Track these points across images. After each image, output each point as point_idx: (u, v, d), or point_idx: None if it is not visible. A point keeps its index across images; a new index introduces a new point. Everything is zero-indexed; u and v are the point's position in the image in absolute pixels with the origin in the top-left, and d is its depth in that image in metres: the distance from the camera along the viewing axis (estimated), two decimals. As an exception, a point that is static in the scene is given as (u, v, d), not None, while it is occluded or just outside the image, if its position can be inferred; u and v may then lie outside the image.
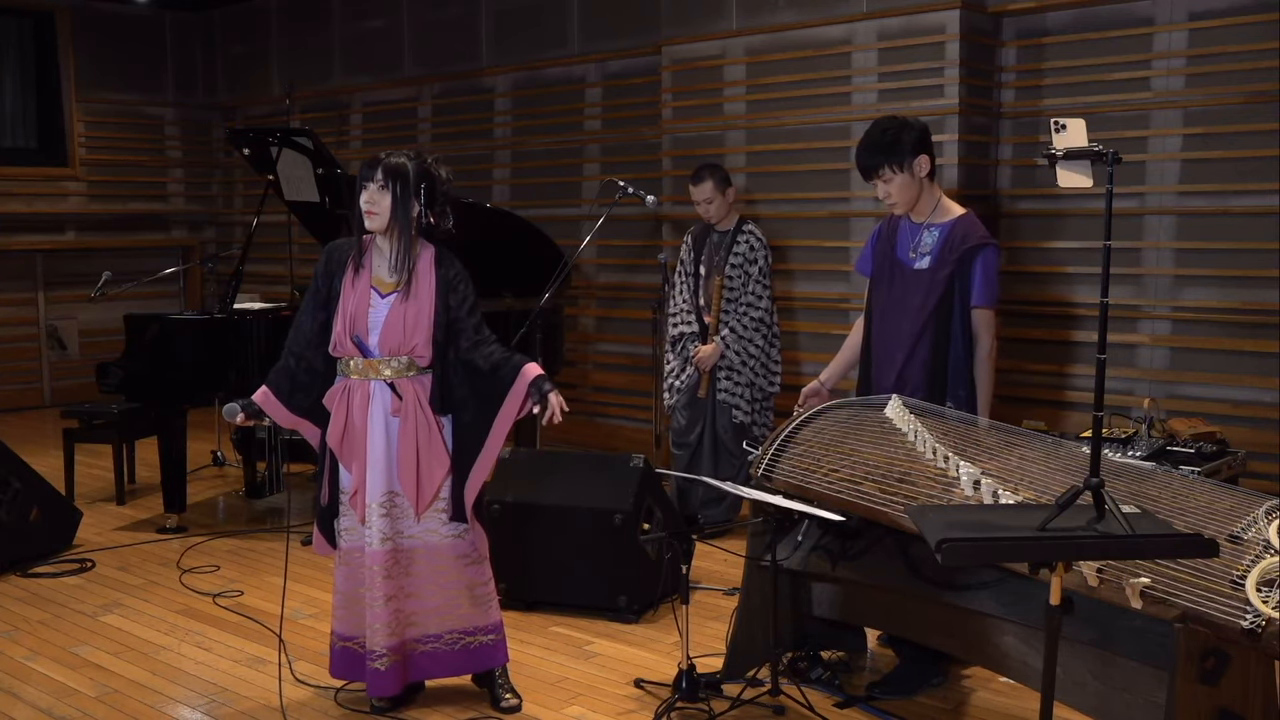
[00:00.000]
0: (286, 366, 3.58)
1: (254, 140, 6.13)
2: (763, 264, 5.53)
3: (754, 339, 5.51)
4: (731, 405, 5.52)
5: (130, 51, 9.86)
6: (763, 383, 5.56)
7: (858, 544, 3.50)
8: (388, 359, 3.47)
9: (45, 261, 9.57)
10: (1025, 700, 3.60)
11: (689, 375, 5.62)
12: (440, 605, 3.58)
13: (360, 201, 3.47)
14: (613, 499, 4.40)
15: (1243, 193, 5.23)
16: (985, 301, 3.75)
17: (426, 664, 3.62)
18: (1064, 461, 3.17)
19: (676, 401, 5.66)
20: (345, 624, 3.62)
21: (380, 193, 3.45)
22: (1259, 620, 2.36)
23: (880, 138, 3.75)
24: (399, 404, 3.47)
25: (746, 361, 5.51)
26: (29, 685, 3.87)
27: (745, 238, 5.55)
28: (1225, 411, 5.24)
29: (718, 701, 3.56)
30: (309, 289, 3.62)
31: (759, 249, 5.54)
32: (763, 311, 5.52)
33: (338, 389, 3.53)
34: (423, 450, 3.49)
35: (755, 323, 5.50)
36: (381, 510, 3.48)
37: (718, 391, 5.53)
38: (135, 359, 5.69)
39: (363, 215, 3.47)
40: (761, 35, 6.37)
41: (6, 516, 5.08)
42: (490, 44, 8.10)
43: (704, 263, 5.62)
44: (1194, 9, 5.33)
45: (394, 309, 3.47)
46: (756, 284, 5.52)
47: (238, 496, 6.47)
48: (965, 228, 3.76)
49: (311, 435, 3.62)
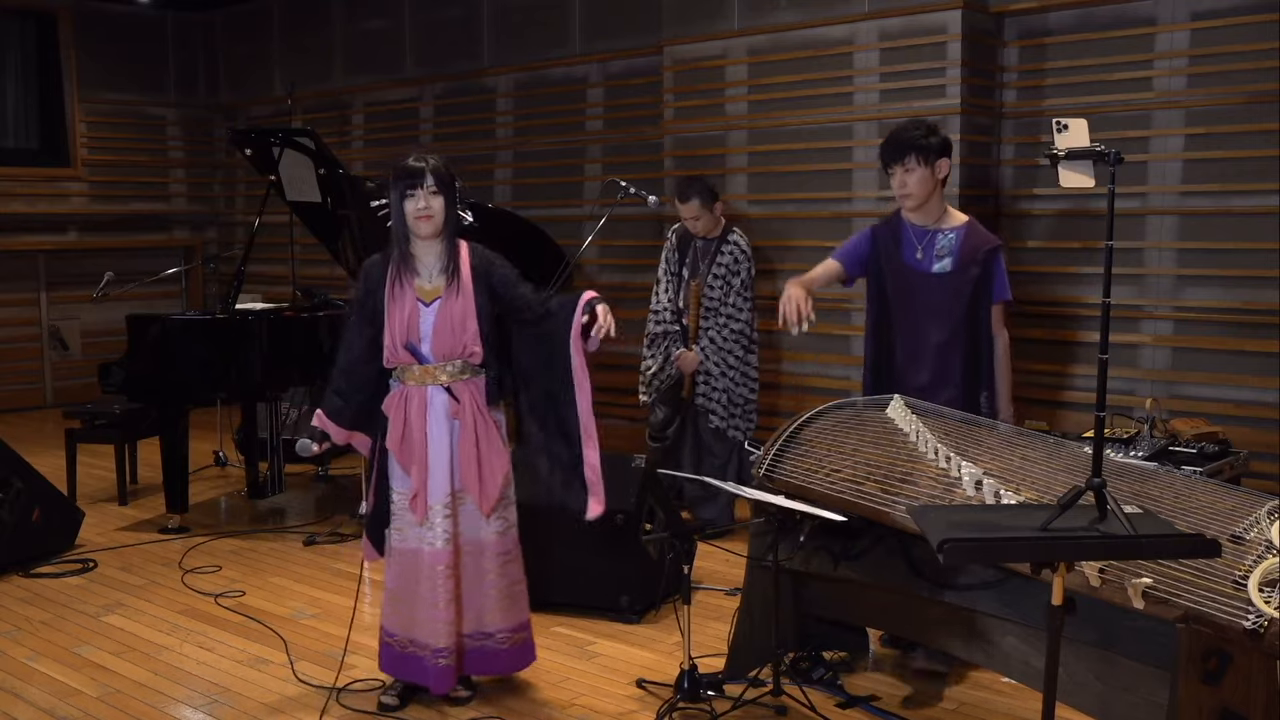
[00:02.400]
0: (337, 387, 3.67)
1: (256, 140, 6.13)
2: (745, 276, 5.55)
3: (733, 350, 5.54)
4: (708, 410, 5.56)
5: (132, 52, 9.86)
6: (743, 390, 5.58)
7: (860, 544, 3.50)
8: (443, 364, 3.55)
9: (47, 262, 9.57)
10: (1027, 701, 3.59)
11: (668, 375, 5.63)
12: (493, 603, 3.66)
13: (408, 209, 3.50)
14: (614, 499, 4.38)
15: (1244, 193, 5.22)
16: (1008, 296, 3.97)
17: (481, 661, 3.70)
18: (1066, 462, 3.18)
19: (654, 398, 5.69)
20: (393, 621, 3.68)
21: (433, 197, 3.50)
22: (1261, 620, 2.36)
23: (912, 131, 3.90)
24: (457, 406, 3.56)
25: (725, 372, 5.53)
26: (31, 685, 3.88)
27: (730, 248, 5.56)
28: (1227, 412, 5.23)
29: (719, 702, 3.57)
30: (353, 309, 3.68)
31: (743, 261, 5.56)
32: (743, 324, 5.55)
33: (395, 396, 3.59)
34: (483, 450, 3.58)
35: (735, 335, 5.53)
36: (445, 511, 3.56)
37: (696, 395, 5.57)
38: (137, 359, 5.69)
39: (410, 222, 3.51)
40: (763, 35, 6.36)
41: (9, 517, 5.08)
42: (492, 44, 8.10)
43: (688, 265, 5.63)
44: (1196, 9, 5.33)
45: (441, 314, 3.53)
46: (738, 296, 5.54)
47: (240, 497, 6.47)
48: (979, 231, 3.96)
49: (363, 446, 3.73)
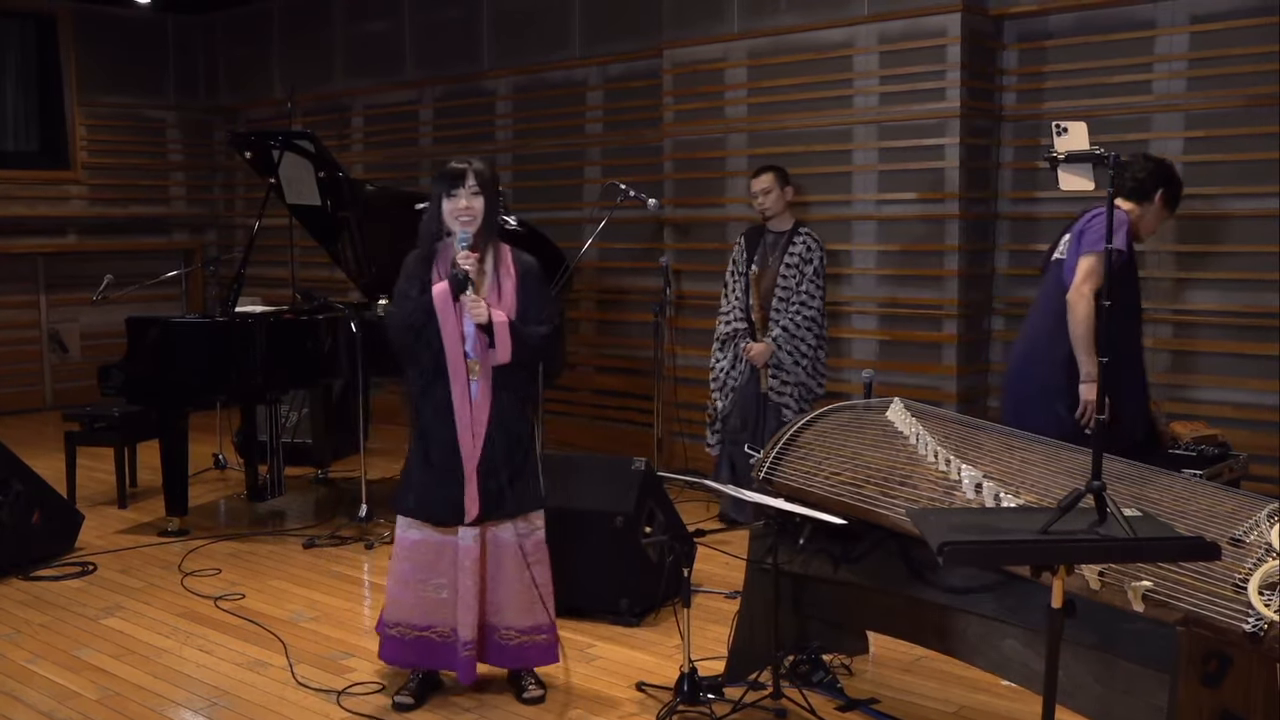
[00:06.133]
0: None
1: (255, 143, 6.13)
2: (818, 264, 5.55)
3: (805, 338, 5.53)
4: (780, 405, 5.53)
5: (132, 54, 9.86)
6: (811, 383, 5.58)
7: (859, 547, 3.50)
8: (478, 360, 3.57)
9: (47, 264, 9.57)
10: (1027, 704, 3.59)
11: (741, 373, 5.63)
12: (508, 601, 3.67)
13: (448, 208, 3.52)
14: (614, 502, 4.40)
15: (1244, 196, 5.23)
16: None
17: (507, 655, 3.72)
18: (1065, 464, 3.17)
19: (731, 400, 5.67)
20: (396, 611, 3.69)
21: (474, 198, 3.52)
22: (1261, 623, 2.36)
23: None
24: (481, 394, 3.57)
25: (799, 361, 5.52)
26: (30, 688, 3.87)
27: (802, 239, 5.59)
28: (1227, 415, 5.24)
29: (719, 705, 3.56)
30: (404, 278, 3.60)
31: (815, 250, 5.57)
32: (814, 310, 5.54)
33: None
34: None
35: (808, 321, 5.52)
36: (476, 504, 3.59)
37: (770, 391, 5.56)
38: (137, 362, 5.69)
39: (449, 222, 3.52)
40: (763, 38, 6.37)
41: (8, 519, 5.07)
42: (491, 47, 8.10)
43: (756, 261, 5.65)
44: (1195, 12, 5.34)
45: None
46: (810, 283, 5.53)
47: (239, 499, 6.47)
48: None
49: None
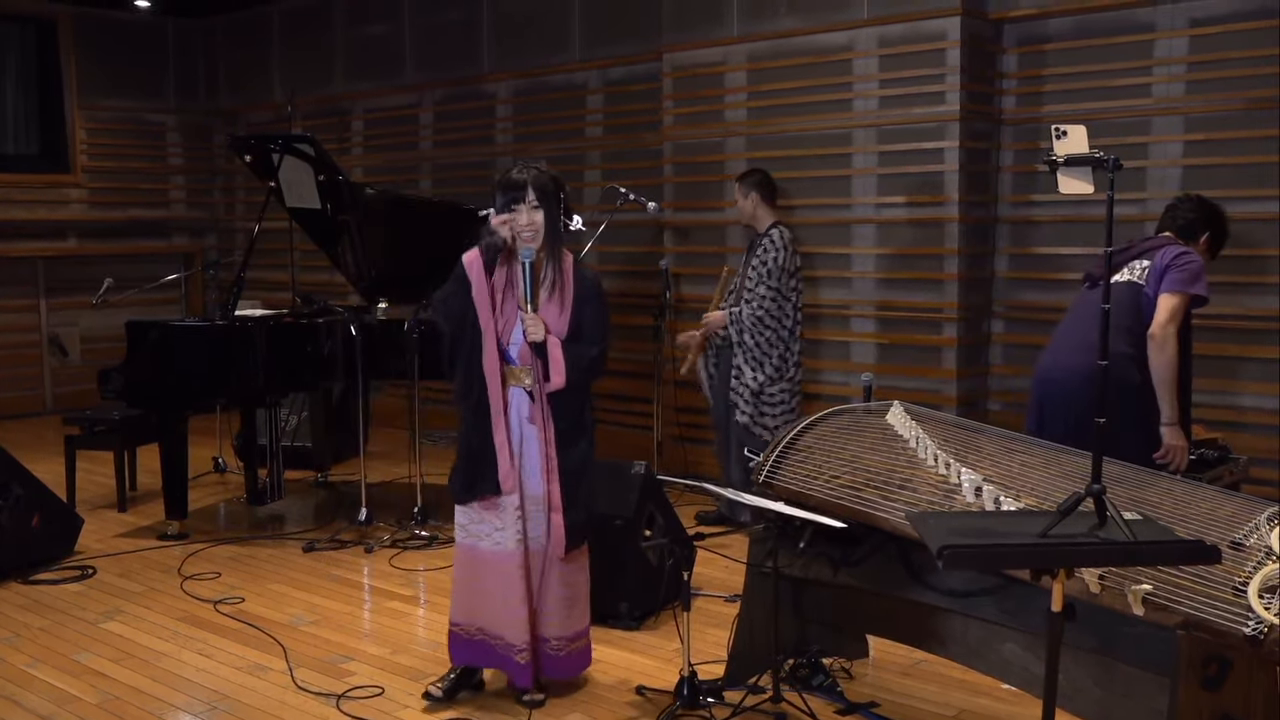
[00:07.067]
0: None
1: (255, 147, 6.13)
2: (771, 264, 5.57)
3: (757, 339, 5.58)
4: (737, 404, 5.62)
5: (132, 58, 9.86)
6: (770, 387, 5.60)
7: (859, 551, 3.50)
8: (528, 368, 3.56)
9: (47, 268, 9.57)
10: (1028, 707, 3.59)
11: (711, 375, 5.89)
12: (551, 610, 3.68)
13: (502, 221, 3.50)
14: (614, 505, 4.39)
15: (1244, 199, 5.22)
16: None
17: (557, 664, 3.73)
18: (1065, 468, 3.17)
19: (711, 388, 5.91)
20: (458, 610, 3.73)
21: (534, 211, 3.51)
22: (1261, 626, 2.36)
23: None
24: (534, 410, 3.57)
25: (747, 359, 5.58)
26: (30, 692, 3.87)
27: (765, 240, 5.65)
28: (1227, 418, 5.23)
29: (719, 709, 3.56)
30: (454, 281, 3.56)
31: (770, 249, 5.60)
32: (764, 312, 5.55)
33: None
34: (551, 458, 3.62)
35: (754, 320, 5.57)
36: (518, 514, 3.59)
37: (729, 391, 5.67)
38: (137, 365, 5.69)
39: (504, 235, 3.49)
40: (763, 42, 6.37)
41: (8, 523, 5.07)
42: (492, 50, 8.10)
43: (741, 262, 5.85)
44: (1195, 15, 5.34)
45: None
46: (763, 284, 5.56)
47: (239, 503, 6.47)
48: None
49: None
